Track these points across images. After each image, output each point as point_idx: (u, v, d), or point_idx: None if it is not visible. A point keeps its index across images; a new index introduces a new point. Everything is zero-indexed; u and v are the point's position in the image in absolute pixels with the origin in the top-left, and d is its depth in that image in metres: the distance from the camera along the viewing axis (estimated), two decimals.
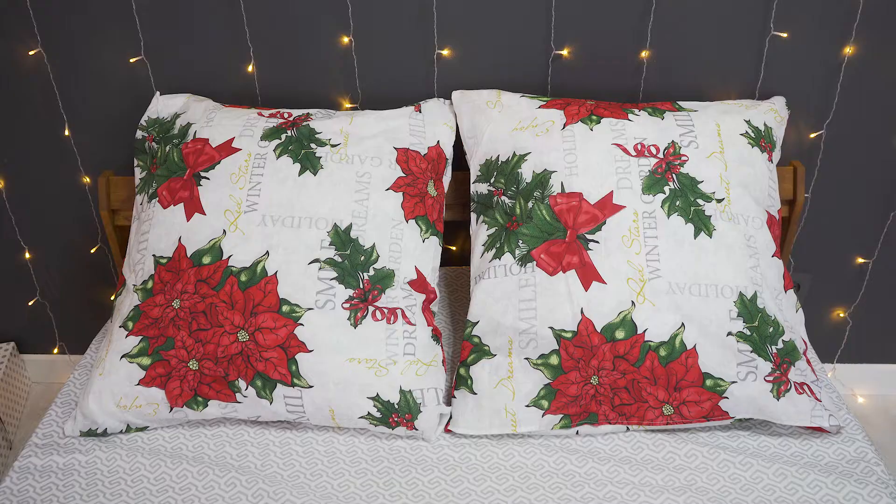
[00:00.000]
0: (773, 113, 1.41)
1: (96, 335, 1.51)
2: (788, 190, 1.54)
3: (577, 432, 1.23)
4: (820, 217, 1.66)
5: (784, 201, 1.55)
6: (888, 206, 1.63)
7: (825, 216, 1.65)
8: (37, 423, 1.71)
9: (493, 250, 1.30)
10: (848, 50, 1.45)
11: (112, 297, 1.80)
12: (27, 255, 1.74)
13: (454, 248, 1.70)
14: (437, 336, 1.30)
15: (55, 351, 1.90)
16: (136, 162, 1.43)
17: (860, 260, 1.71)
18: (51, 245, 1.74)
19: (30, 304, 1.82)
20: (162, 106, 1.46)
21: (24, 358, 1.93)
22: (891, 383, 1.89)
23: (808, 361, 1.28)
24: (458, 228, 1.65)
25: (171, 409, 1.22)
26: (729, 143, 1.32)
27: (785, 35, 1.43)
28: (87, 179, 1.64)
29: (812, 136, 1.54)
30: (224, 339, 1.19)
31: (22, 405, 1.89)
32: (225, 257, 1.22)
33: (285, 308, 1.20)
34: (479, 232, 1.35)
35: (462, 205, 1.51)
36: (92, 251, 1.73)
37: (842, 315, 1.79)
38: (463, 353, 1.29)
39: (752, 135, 1.35)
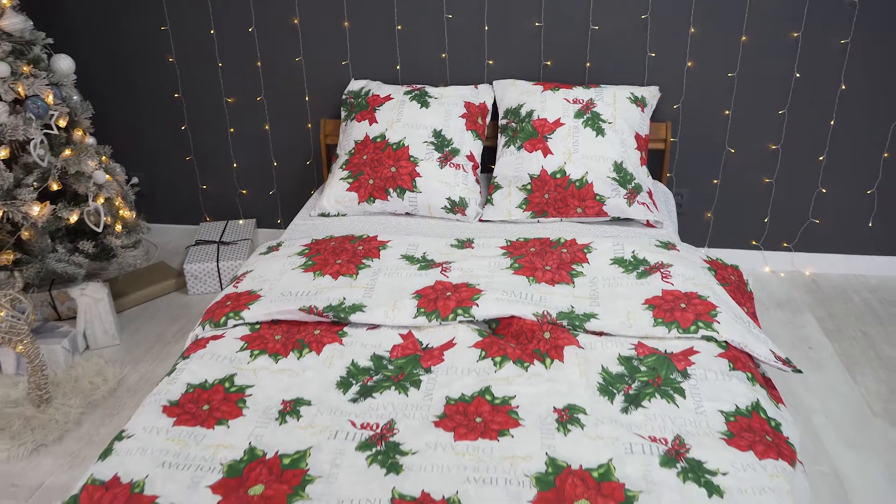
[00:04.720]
0: (649, 92, 2.91)
1: (298, 213, 3.02)
2: (663, 135, 3.02)
3: (539, 221, 2.70)
4: (687, 154, 3.10)
5: (661, 140, 3.03)
6: (721, 147, 3.06)
7: (690, 154, 3.10)
8: None
9: (506, 146, 2.82)
10: (689, 63, 2.95)
11: (311, 191, 3.41)
12: (274, 164, 3.37)
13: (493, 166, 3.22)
14: (477, 182, 2.81)
15: (278, 221, 3.50)
16: (342, 110, 3.04)
17: (714, 181, 3.13)
18: (286, 159, 3.36)
19: (270, 193, 3.44)
20: (355, 84, 3.08)
21: (259, 230, 3.53)
22: (743, 261, 3.25)
23: (651, 196, 2.71)
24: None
25: (358, 204, 2.76)
26: (619, 100, 2.82)
27: (654, 55, 2.95)
28: (309, 125, 3.28)
29: (674, 106, 3.02)
30: (384, 170, 2.74)
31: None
32: (387, 139, 2.79)
33: (412, 159, 2.74)
34: (501, 140, 2.88)
35: (495, 136, 3.05)
36: (307, 163, 3.35)
37: (708, 215, 3.20)
38: (489, 190, 2.79)
39: (633, 98, 2.84)
